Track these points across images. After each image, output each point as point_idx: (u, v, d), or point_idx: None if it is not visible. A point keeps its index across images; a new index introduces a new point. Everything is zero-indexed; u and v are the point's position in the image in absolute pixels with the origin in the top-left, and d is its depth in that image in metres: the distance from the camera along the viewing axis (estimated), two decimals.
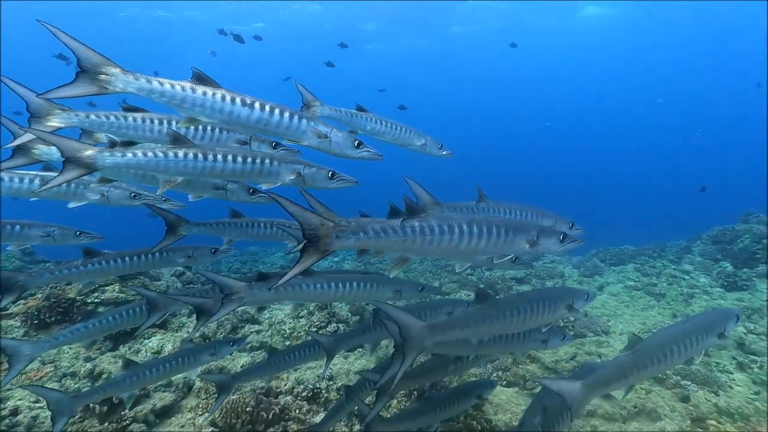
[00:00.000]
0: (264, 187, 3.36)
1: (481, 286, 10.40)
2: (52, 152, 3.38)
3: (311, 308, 8.46)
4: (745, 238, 11.82)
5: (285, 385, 6.13)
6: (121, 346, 6.90)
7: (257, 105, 3.06)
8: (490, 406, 5.70)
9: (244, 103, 3.03)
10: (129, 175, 3.59)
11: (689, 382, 6.18)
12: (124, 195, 4.02)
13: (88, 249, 4.07)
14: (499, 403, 5.81)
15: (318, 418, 5.40)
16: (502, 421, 5.39)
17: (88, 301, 7.29)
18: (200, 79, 2.94)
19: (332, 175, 3.31)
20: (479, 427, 4.57)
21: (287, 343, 7.77)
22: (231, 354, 5.49)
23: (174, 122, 3.28)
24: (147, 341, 7.12)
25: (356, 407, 4.17)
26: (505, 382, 6.34)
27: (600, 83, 58.01)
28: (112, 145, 3.01)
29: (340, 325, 8.08)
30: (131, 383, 3.92)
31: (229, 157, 3.12)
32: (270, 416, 5.04)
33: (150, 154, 3.01)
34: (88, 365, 6.10)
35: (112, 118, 3.20)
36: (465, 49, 41.50)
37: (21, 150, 3.21)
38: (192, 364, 4.16)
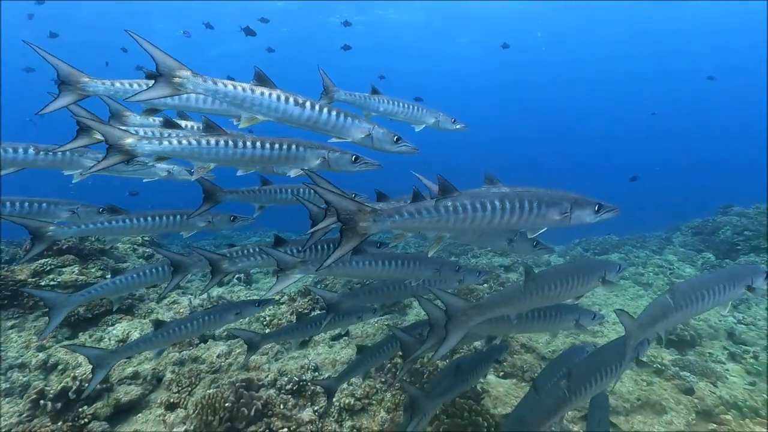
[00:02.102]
0: (292, 173, 3.49)
1: None
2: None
3: (292, 293, 7.94)
4: (726, 229, 11.94)
5: (267, 376, 5.60)
6: (81, 333, 6.19)
7: (308, 104, 3.26)
8: (489, 399, 5.35)
9: (296, 103, 3.22)
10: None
11: (688, 373, 6.02)
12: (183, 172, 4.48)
13: (112, 206, 4.23)
14: (497, 396, 5.47)
15: (305, 413, 4.92)
16: (501, 415, 5.05)
17: (43, 283, 6.50)
18: (260, 79, 3.14)
19: (355, 159, 3.50)
20: (485, 424, 4.20)
21: (267, 331, 7.22)
22: (254, 314, 5.83)
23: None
24: (111, 328, 6.42)
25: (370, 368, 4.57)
26: (502, 374, 6.01)
27: (597, 78, 58.84)
28: (168, 124, 3.59)
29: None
30: (162, 340, 4.09)
31: (258, 144, 3.30)
32: (252, 412, 4.52)
33: (185, 141, 3.20)
34: (41, 355, 5.39)
35: (135, 86, 3.44)
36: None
37: (83, 131, 3.34)
38: (218, 323, 4.32)
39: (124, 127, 3.53)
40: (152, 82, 3.02)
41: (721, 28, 41.16)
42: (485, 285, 8.63)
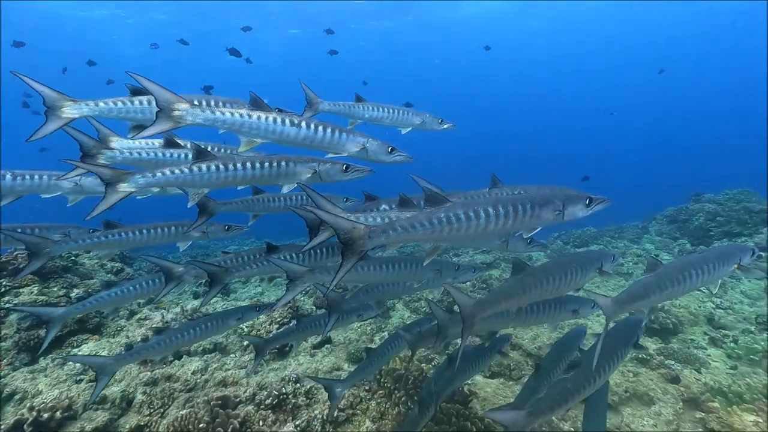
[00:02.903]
0: (284, 189, 3.54)
1: None
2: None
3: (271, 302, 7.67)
4: (699, 216, 12.19)
5: (245, 391, 5.32)
6: (42, 358, 5.78)
7: (303, 124, 3.37)
8: (477, 400, 5.21)
9: (292, 123, 3.34)
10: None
11: (672, 361, 6.02)
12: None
13: (108, 221, 4.22)
14: (485, 397, 5.34)
15: (286, 428, 4.68)
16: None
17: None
18: (255, 103, 3.29)
19: (346, 168, 3.58)
20: (473, 429, 4.04)
21: (245, 342, 6.93)
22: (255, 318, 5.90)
23: None
24: (76, 350, 6.03)
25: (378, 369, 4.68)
26: (488, 373, 5.89)
27: (596, 77, 60.39)
28: (169, 144, 3.64)
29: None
30: (165, 346, 4.10)
31: (248, 164, 3.35)
32: None
33: (177, 171, 3.25)
34: None
35: (120, 104, 3.42)
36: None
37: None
38: (220, 328, 4.34)
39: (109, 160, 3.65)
40: (136, 98, 3.35)
41: (720, 28, 42.56)
42: (467, 283, 8.53)
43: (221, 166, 3.30)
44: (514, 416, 2.95)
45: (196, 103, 3.45)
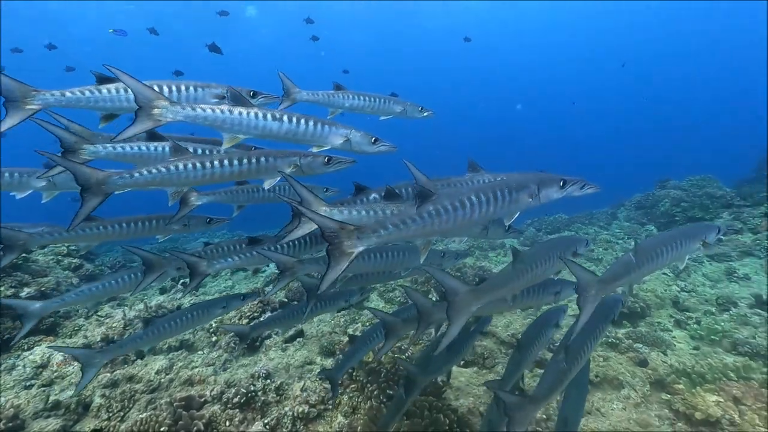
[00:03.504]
0: (266, 184, 3.47)
1: None
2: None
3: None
4: (664, 202, 12.55)
5: (212, 390, 5.11)
6: None
7: (285, 118, 3.33)
8: (451, 391, 5.18)
9: (274, 118, 3.30)
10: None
11: (641, 345, 6.15)
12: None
13: (90, 216, 4.04)
14: (459, 387, 5.31)
15: (254, 427, 4.51)
16: (465, 407, 4.88)
17: None
18: (235, 98, 3.23)
19: (328, 160, 3.55)
20: (446, 421, 3.98)
21: (214, 338, 6.69)
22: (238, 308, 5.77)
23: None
24: (27, 353, 5.64)
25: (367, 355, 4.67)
26: (462, 362, 5.86)
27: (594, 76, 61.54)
28: (176, 151, 3.27)
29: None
30: (152, 337, 4.07)
31: (227, 161, 3.29)
32: None
33: (154, 171, 3.15)
34: None
35: (88, 93, 3.28)
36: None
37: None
38: (205, 318, 4.31)
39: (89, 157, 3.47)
40: (104, 87, 3.24)
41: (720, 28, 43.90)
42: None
43: (199, 164, 3.22)
44: (518, 400, 3.01)
45: (165, 88, 3.40)
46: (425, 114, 5.09)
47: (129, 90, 3.17)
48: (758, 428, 4.18)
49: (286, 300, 7.84)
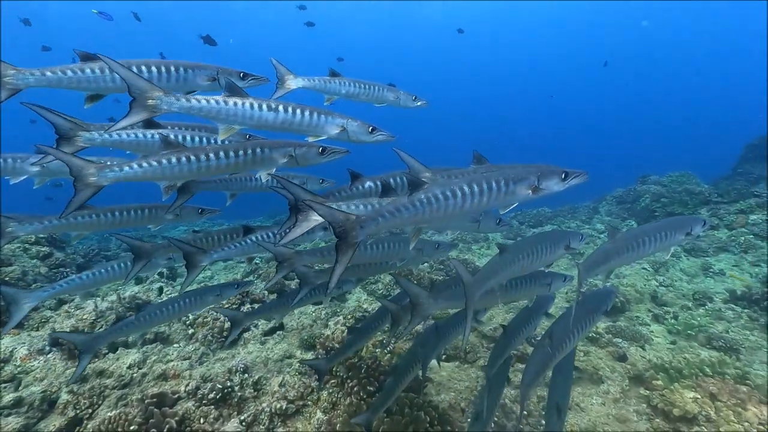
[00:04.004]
0: (262, 177, 3.45)
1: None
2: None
3: None
4: (645, 198, 12.73)
5: (186, 385, 4.95)
6: None
7: (281, 108, 3.30)
8: (432, 386, 5.13)
9: (269, 108, 3.28)
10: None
11: (620, 339, 6.21)
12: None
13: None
14: (440, 381, 5.26)
15: (230, 426, 4.37)
16: (446, 402, 4.85)
17: None
18: (231, 89, 3.21)
19: (323, 150, 3.52)
20: (427, 418, 3.91)
21: (190, 331, 6.49)
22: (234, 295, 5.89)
23: (132, 67, 3.19)
24: None
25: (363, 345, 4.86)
26: (444, 356, 5.82)
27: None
28: (167, 144, 3.22)
29: (255, 305, 6.99)
30: (144, 323, 4.07)
31: (222, 153, 3.25)
32: None
33: (145, 164, 3.12)
34: None
35: (70, 73, 3.17)
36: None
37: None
38: (199, 305, 4.30)
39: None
40: (87, 66, 3.14)
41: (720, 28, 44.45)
42: (425, 264, 8.43)
43: (193, 157, 3.18)
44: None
45: (154, 69, 3.32)
46: (419, 104, 5.10)
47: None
48: (733, 424, 4.24)
49: (266, 292, 7.66)
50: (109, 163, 3.17)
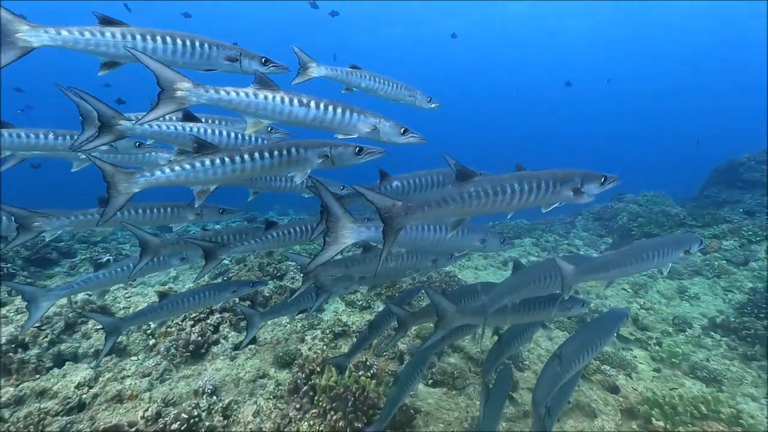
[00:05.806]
0: (297, 178, 3.32)
1: None
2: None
3: None
4: (622, 216, 12.91)
5: (146, 410, 4.37)
6: None
7: (312, 104, 3.22)
8: (420, 416, 4.75)
9: (301, 103, 3.19)
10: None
11: (608, 367, 6.07)
12: None
13: (103, 198, 3.95)
14: (428, 411, 4.90)
15: None
16: None
17: None
18: (262, 82, 3.11)
19: (359, 150, 3.41)
20: None
21: (151, 342, 5.86)
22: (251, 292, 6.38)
23: (156, 37, 3.17)
24: None
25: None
26: (430, 381, 5.47)
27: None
28: (188, 118, 3.53)
29: (225, 314, 6.42)
30: (166, 311, 4.28)
31: (257, 154, 3.14)
32: None
33: (178, 168, 3.02)
34: None
35: (88, 35, 3.01)
36: None
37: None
38: (216, 299, 4.50)
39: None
40: (107, 29, 3.00)
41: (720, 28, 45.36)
42: (408, 279, 8.09)
43: (227, 159, 3.06)
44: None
45: (179, 41, 3.18)
46: (432, 105, 5.14)
47: (136, 36, 3.04)
48: None
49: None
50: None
